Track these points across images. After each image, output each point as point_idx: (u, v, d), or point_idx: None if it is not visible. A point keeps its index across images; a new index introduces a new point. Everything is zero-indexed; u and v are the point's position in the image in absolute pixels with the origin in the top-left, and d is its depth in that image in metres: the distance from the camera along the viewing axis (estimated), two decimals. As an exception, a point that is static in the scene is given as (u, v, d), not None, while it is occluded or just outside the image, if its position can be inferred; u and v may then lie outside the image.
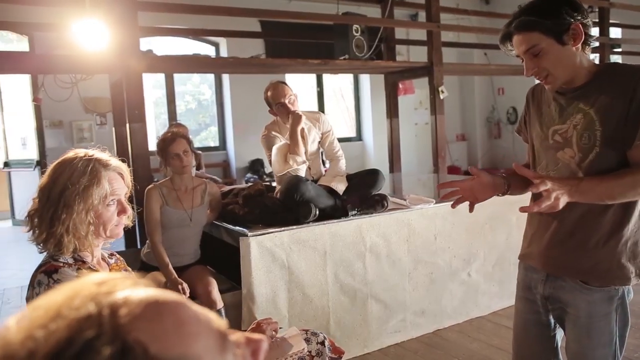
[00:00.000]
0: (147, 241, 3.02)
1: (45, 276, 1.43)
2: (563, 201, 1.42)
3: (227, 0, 7.55)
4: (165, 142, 2.92)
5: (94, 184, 1.49)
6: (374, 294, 3.20)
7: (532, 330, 1.75)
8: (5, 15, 5.66)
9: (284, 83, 3.21)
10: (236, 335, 0.60)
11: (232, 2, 7.24)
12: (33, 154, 7.48)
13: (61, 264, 1.46)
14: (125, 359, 0.44)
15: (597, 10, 7.06)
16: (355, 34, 5.24)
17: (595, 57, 7.41)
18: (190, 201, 2.98)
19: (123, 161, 1.63)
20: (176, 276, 2.74)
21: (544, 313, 1.71)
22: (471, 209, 1.70)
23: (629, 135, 1.48)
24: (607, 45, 7.10)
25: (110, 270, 1.65)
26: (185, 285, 2.71)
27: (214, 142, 9.21)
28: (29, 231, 1.54)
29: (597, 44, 1.65)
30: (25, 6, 5.30)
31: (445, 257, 3.48)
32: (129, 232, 4.33)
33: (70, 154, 1.57)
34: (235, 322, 2.87)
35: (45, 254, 1.53)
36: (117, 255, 1.76)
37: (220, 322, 0.56)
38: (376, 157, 9.57)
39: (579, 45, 1.54)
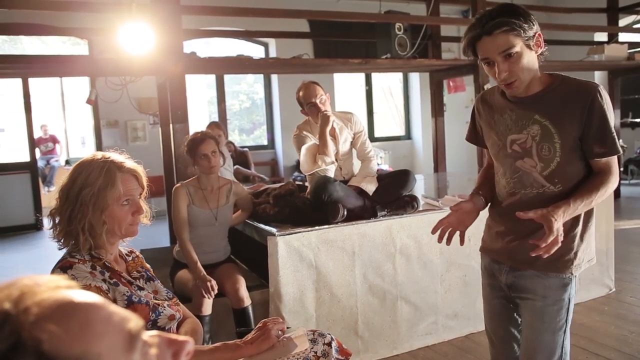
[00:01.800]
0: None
1: (61, 272, 1.52)
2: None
3: (277, 1, 7.70)
4: (194, 142, 3.00)
5: (109, 185, 1.57)
6: (404, 296, 3.18)
7: (501, 313, 1.87)
8: (68, 22, 6.00)
9: (316, 83, 3.23)
10: (154, 337, 0.63)
11: (281, 3, 7.37)
12: (91, 152, 7.86)
13: (76, 261, 1.55)
14: (15, 353, 0.48)
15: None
16: (398, 32, 5.20)
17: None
18: (216, 201, 3.04)
19: (139, 163, 1.71)
20: (204, 273, 2.79)
21: (509, 298, 1.83)
22: (462, 240, 1.89)
23: (590, 148, 1.63)
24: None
25: (127, 267, 1.73)
26: (213, 282, 2.76)
27: (266, 141, 9.38)
28: (50, 229, 1.65)
29: (547, 54, 1.66)
30: (85, 13, 5.60)
31: (480, 260, 3.40)
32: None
33: (89, 156, 1.66)
34: (263, 319, 2.92)
35: (64, 250, 1.63)
36: (136, 253, 1.84)
37: (136, 323, 0.59)
38: (425, 155, 9.45)
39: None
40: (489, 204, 1.89)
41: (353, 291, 3.04)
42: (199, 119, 8.22)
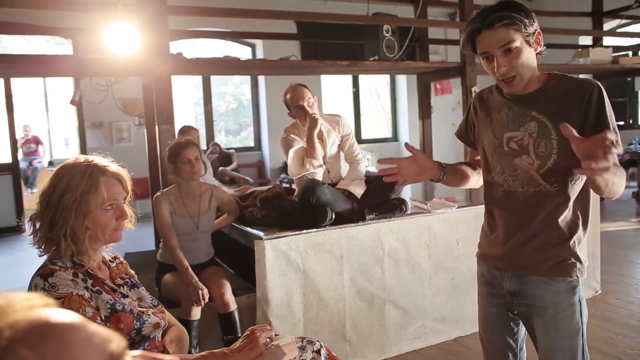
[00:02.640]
0: (161, 241, 3.08)
1: (42, 279, 1.47)
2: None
3: (264, 2, 7.65)
4: (178, 147, 2.96)
5: (92, 190, 1.52)
6: (392, 299, 3.16)
7: (497, 323, 1.81)
8: (52, 21, 5.91)
9: (304, 86, 3.20)
10: (137, 357, 0.60)
11: (269, 4, 7.32)
12: (75, 153, 7.76)
13: (57, 268, 1.50)
14: None
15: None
16: (386, 34, 5.19)
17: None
18: (197, 208, 3.01)
19: (123, 167, 1.66)
20: (197, 280, 2.76)
21: (508, 306, 1.76)
22: (399, 185, 1.78)
23: None
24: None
25: (110, 273, 1.68)
26: (205, 291, 2.73)
27: (252, 142, 9.32)
28: (30, 235, 1.60)
29: (545, 54, 1.64)
30: (70, 12, 5.51)
31: (468, 263, 3.40)
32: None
33: (71, 159, 1.62)
34: (251, 324, 2.88)
35: (45, 257, 1.58)
36: (120, 258, 1.80)
37: (118, 344, 0.56)
38: (412, 158, 9.45)
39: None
40: (442, 182, 1.80)
41: (341, 295, 3.01)
42: (184, 120, 8.14)
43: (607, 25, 8.57)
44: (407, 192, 4.09)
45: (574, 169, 1.36)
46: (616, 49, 7.33)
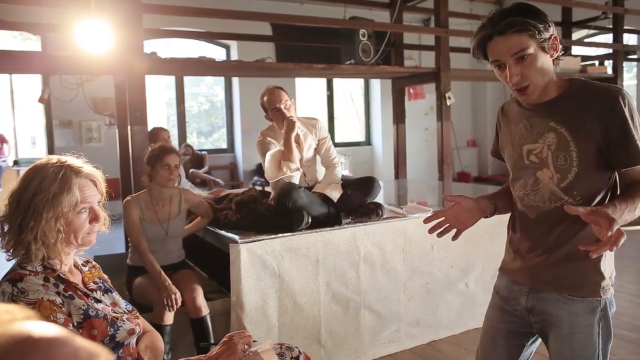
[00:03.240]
0: (130, 244, 3.02)
1: (10, 285, 1.41)
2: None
3: (239, 3, 7.59)
4: (163, 150, 2.94)
5: (64, 191, 1.47)
6: (367, 304, 3.16)
7: (500, 340, 1.73)
8: (19, 16, 5.73)
9: (280, 88, 3.18)
10: None
11: (245, 5, 7.27)
12: (42, 153, 7.56)
13: (27, 272, 1.44)
14: None
15: (611, 16, 6.94)
16: (362, 38, 5.20)
17: (608, 65, 7.29)
18: (167, 214, 2.98)
19: (97, 168, 1.61)
20: (170, 283, 2.71)
21: (521, 325, 1.68)
22: (455, 237, 1.71)
23: (615, 157, 1.49)
24: (620, 52, 6.97)
25: (83, 278, 1.63)
26: (178, 295, 2.69)
27: (225, 144, 9.24)
28: (-3, 238, 1.53)
29: (563, 59, 1.59)
30: (38, 7, 5.37)
31: (443, 267, 3.43)
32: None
33: (43, 159, 1.56)
34: (225, 329, 2.84)
35: (14, 261, 1.52)
36: (93, 263, 1.74)
37: (107, 357, 0.53)
38: (385, 162, 9.52)
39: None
40: (497, 214, 1.73)
41: (316, 300, 2.99)
42: (156, 121, 8.01)
43: (576, 35, 8.79)
44: (381, 197, 4.10)
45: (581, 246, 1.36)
46: (584, 58, 7.51)
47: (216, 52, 8.81)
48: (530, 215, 1.62)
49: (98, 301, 1.57)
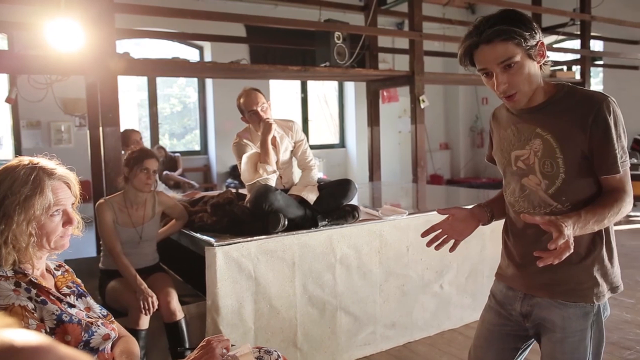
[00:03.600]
0: (102, 248, 2.97)
1: (-21, 290, 1.36)
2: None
3: (213, 4, 7.53)
4: (144, 154, 2.92)
5: (37, 194, 1.43)
6: (343, 306, 3.16)
7: (494, 342, 1.74)
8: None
9: (257, 90, 3.16)
10: None
11: (217, 6, 7.21)
12: (9, 154, 7.36)
13: (-2, 277, 1.40)
14: None
15: (578, 23, 7.11)
16: (337, 41, 5.22)
17: (576, 70, 7.47)
18: (141, 217, 2.95)
19: (71, 169, 1.58)
20: (146, 287, 2.68)
21: (516, 329, 1.69)
22: (453, 248, 1.73)
23: (599, 164, 1.50)
24: (588, 58, 7.15)
25: (56, 282, 1.59)
26: (155, 298, 2.65)
27: (198, 146, 9.14)
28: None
29: (550, 66, 1.60)
30: (5, 4, 5.22)
31: (418, 269, 3.45)
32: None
33: (14, 161, 1.51)
34: (200, 333, 2.81)
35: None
36: (66, 267, 1.70)
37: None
38: (359, 164, 9.56)
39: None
40: (494, 220, 1.75)
41: (293, 302, 2.98)
42: (128, 123, 7.88)
43: (545, 41, 8.95)
44: (355, 199, 4.11)
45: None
46: (553, 63, 7.69)
47: (189, 54, 8.72)
48: (521, 222, 1.62)
49: (72, 306, 1.53)
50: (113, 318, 1.66)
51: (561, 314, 1.57)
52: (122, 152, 4.20)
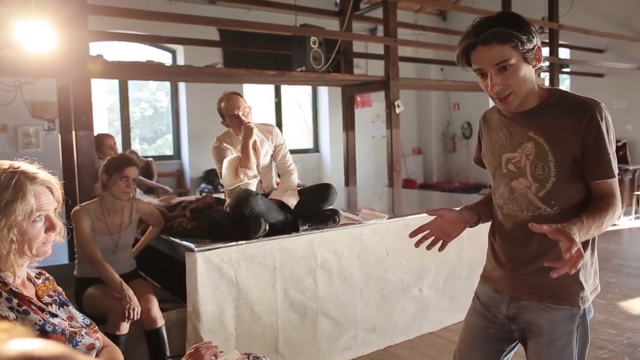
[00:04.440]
0: (76, 255, 2.90)
1: (-42, 300, 1.31)
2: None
3: (186, 8, 7.45)
4: (124, 161, 2.86)
5: (18, 199, 1.38)
6: (324, 311, 3.15)
7: (479, 345, 1.74)
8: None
9: (238, 94, 3.13)
10: None
11: (190, 10, 7.14)
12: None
13: (-22, 286, 1.35)
14: None
15: (547, 31, 7.29)
16: (313, 46, 5.22)
17: (545, 77, 7.65)
18: (118, 225, 2.89)
19: (53, 174, 1.53)
20: (133, 294, 2.62)
21: (501, 332, 1.70)
22: (442, 248, 1.72)
23: (591, 169, 1.52)
24: (556, 66, 7.32)
25: (36, 291, 1.54)
26: (139, 308, 2.60)
27: (169, 151, 9.01)
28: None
29: (546, 69, 1.61)
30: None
31: (397, 273, 3.47)
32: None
33: (-6, 165, 1.46)
34: (180, 340, 2.76)
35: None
36: (46, 274, 1.65)
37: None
38: (333, 169, 9.57)
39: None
40: (481, 222, 1.77)
41: (274, 308, 2.96)
42: (97, 127, 7.72)
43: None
44: (340, 203, 4.11)
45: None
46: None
47: (161, 57, 8.59)
48: (509, 224, 1.64)
49: (54, 315, 1.48)
50: (97, 327, 1.61)
51: (548, 317, 1.58)
52: (95, 157, 4.12)
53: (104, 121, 8.76)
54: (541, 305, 1.59)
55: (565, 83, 9.69)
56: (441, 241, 1.71)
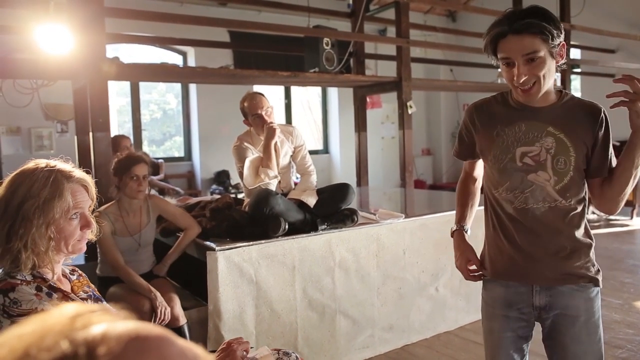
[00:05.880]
0: (99, 255, 2.92)
1: (1, 295, 1.34)
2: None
3: (196, 10, 7.50)
4: (130, 160, 2.85)
5: (56, 197, 1.41)
6: (342, 310, 3.17)
7: (509, 347, 1.75)
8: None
9: (262, 94, 3.16)
10: None
11: (201, 12, 7.19)
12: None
13: (19, 282, 1.37)
14: None
15: (559, 31, 7.27)
16: (326, 47, 5.25)
17: (557, 76, 7.64)
18: (138, 225, 2.91)
19: (87, 172, 1.56)
20: (160, 296, 2.65)
21: (525, 329, 1.73)
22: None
23: (598, 166, 1.64)
24: (568, 66, 7.32)
25: (71, 287, 1.56)
26: (169, 310, 2.63)
27: (178, 153, 9.05)
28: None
29: (564, 67, 1.67)
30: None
31: (414, 272, 3.48)
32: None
33: (31, 164, 1.49)
34: (201, 339, 2.79)
35: (0, 271, 1.44)
36: (79, 271, 1.68)
37: (208, 357, 0.52)
38: (343, 170, 9.59)
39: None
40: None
41: (293, 306, 2.98)
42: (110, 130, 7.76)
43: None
44: (353, 203, 4.12)
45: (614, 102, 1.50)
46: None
47: (173, 59, 8.64)
48: (524, 217, 1.66)
49: (90, 311, 1.51)
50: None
51: (583, 296, 1.66)
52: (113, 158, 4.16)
53: (114, 123, 8.82)
54: (576, 287, 1.66)
55: (574, 83, 9.67)
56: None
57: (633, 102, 1.48)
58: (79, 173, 1.51)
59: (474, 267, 1.83)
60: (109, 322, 0.47)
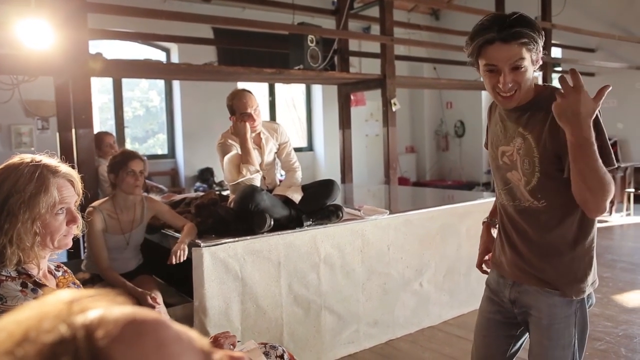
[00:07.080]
0: (86, 251, 2.91)
1: (-14, 291, 1.33)
2: (584, 112, 1.39)
3: (180, 6, 7.45)
4: (126, 156, 2.85)
5: (42, 192, 1.41)
6: (327, 305, 3.18)
7: (491, 329, 1.82)
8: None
9: (250, 92, 3.15)
10: (219, 354, 0.57)
11: (184, 8, 7.14)
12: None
13: (4, 278, 1.37)
14: None
15: (540, 30, 7.37)
16: (310, 44, 5.26)
17: (538, 75, 7.74)
18: (130, 222, 2.90)
19: (72, 167, 1.55)
20: (142, 290, 2.66)
21: (508, 316, 1.78)
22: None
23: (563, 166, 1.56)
24: (549, 65, 7.42)
25: (57, 283, 1.56)
26: (155, 292, 2.64)
27: (161, 150, 8.99)
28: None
29: (538, 71, 1.66)
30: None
31: (398, 268, 3.51)
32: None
33: (16, 159, 1.48)
34: (214, 334, 2.78)
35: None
36: (65, 267, 1.67)
37: (202, 341, 0.53)
38: (327, 167, 9.61)
39: None
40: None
41: (278, 302, 2.99)
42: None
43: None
44: (338, 200, 4.14)
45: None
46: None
47: (156, 56, 8.58)
48: (507, 213, 1.73)
49: (76, 306, 1.50)
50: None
51: (547, 301, 1.64)
52: (95, 155, 4.12)
53: (96, 121, 8.72)
54: (540, 289, 1.65)
55: (555, 82, 9.80)
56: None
57: (565, 96, 1.42)
58: (65, 168, 1.50)
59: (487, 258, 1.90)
60: (105, 306, 0.48)
